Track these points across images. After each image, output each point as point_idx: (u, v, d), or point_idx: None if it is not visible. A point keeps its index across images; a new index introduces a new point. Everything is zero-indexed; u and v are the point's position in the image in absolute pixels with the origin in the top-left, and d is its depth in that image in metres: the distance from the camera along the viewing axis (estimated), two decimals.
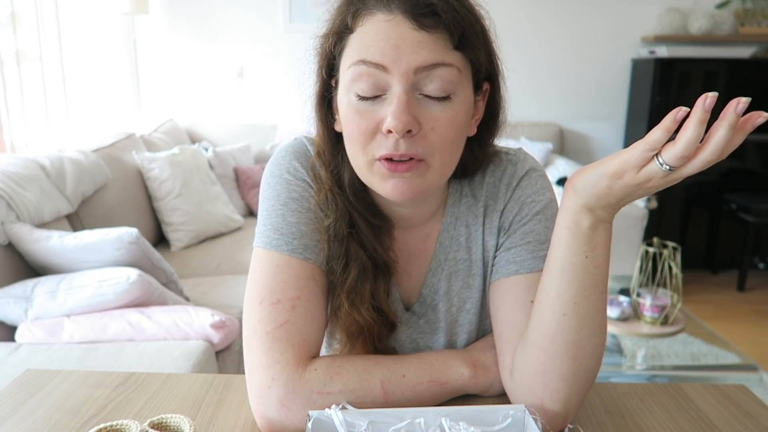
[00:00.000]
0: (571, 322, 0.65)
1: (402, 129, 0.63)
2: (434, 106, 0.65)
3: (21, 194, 1.85)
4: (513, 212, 0.78)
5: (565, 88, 3.85)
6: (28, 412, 0.73)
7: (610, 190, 0.59)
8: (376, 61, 0.64)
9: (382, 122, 0.65)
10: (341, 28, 0.68)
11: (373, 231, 0.76)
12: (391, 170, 0.66)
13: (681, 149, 0.52)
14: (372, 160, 0.67)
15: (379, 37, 0.64)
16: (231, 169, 3.23)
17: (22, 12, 2.58)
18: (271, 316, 0.69)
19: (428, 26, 0.64)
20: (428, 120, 0.65)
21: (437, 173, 0.69)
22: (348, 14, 0.67)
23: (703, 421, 0.73)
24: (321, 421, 0.63)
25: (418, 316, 0.82)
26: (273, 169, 0.78)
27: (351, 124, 0.68)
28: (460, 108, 0.67)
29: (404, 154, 0.65)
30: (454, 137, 0.68)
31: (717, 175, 3.66)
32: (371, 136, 0.67)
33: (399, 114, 0.63)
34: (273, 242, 0.73)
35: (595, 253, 0.63)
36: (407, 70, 0.64)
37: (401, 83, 0.64)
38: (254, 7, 3.67)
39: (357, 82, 0.66)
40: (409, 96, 0.64)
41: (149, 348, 1.59)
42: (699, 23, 3.62)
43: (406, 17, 0.64)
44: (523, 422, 0.64)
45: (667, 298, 2.14)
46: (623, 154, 0.57)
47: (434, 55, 0.64)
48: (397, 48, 0.63)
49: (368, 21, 0.66)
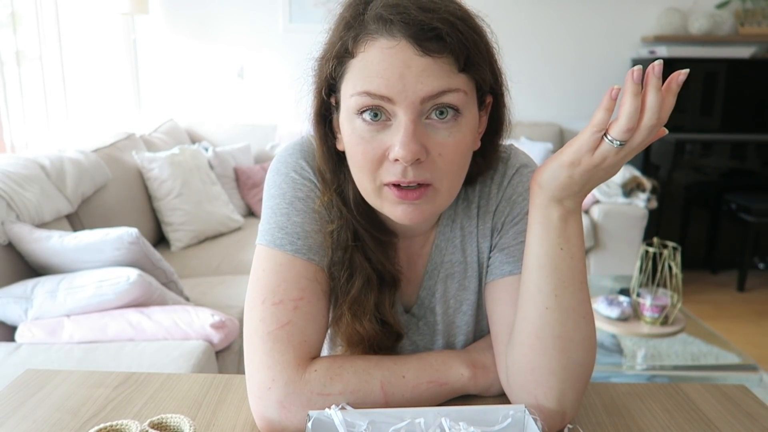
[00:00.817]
0: (554, 315, 0.65)
1: (411, 159, 0.62)
2: (441, 132, 0.64)
3: (21, 194, 1.85)
4: (505, 212, 0.78)
5: (565, 88, 3.85)
6: (28, 412, 0.73)
7: (571, 179, 0.61)
8: (381, 94, 0.62)
9: (388, 150, 0.64)
10: (341, 52, 0.66)
11: (379, 245, 0.76)
12: (400, 198, 0.65)
13: (624, 123, 0.55)
14: (380, 186, 0.67)
15: (383, 66, 0.62)
16: (231, 169, 3.23)
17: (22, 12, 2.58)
18: (273, 317, 0.69)
19: (433, 51, 0.61)
20: (435, 146, 0.64)
21: (446, 197, 0.68)
22: (348, 38, 0.65)
23: (703, 421, 0.73)
24: (321, 421, 0.63)
25: (417, 319, 0.82)
26: (279, 166, 0.77)
27: (356, 151, 0.66)
28: (466, 130, 0.66)
29: (412, 180, 0.64)
30: (461, 160, 0.67)
31: (717, 175, 3.66)
32: (378, 163, 0.65)
33: (407, 143, 0.62)
34: (277, 241, 0.73)
35: (570, 244, 0.65)
36: (414, 100, 0.62)
37: (408, 113, 0.62)
38: (254, 7, 3.67)
39: (360, 111, 0.64)
40: (416, 124, 0.63)
41: (149, 348, 1.59)
42: (699, 23, 3.62)
43: (410, 43, 0.61)
44: (523, 422, 0.64)
45: (667, 298, 2.14)
46: (575, 142, 0.60)
47: (440, 82, 0.62)
48: (402, 77, 0.61)
49: (370, 47, 0.63)
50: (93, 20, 3.22)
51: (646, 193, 3.21)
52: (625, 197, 3.21)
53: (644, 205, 3.20)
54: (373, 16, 0.63)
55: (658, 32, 3.69)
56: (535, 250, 0.66)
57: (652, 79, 0.55)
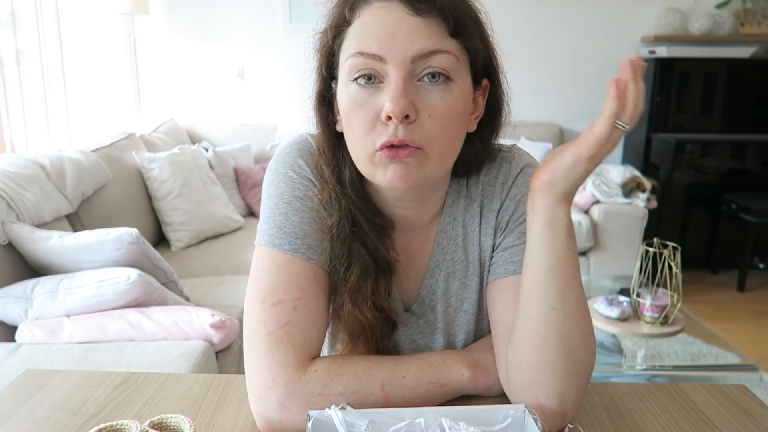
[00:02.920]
0: (560, 316, 0.66)
1: (400, 113, 0.63)
2: (432, 93, 0.66)
3: (21, 194, 1.85)
4: (509, 211, 0.77)
5: (565, 88, 3.85)
6: (28, 412, 0.73)
7: (586, 172, 0.64)
8: (372, 52, 0.64)
9: (380, 110, 0.65)
10: (339, 22, 0.68)
11: (375, 230, 0.76)
12: (391, 156, 0.66)
13: (634, 107, 0.60)
14: (373, 151, 0.67)
15: (376, 27, 0.65)
16: (231, 169, 3.24)
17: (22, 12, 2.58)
18: (273, 317, 0.69)
19: (423, 11, 0.64)
20: (425, 107, 0.65)
21: (436, 163, 0.68)
22: (345, 7, 0.68)
23: (703, 421, 0.73)
24: (321, 421, 0.63)
25: (417, 317, 0.82)
26: (277, 166, 0.77)
27: (351, 116, 0.68)
28: (458, 96, 0.67)
29: (402, 140, 0.65)
30: (451, 125, 0.68)
31: (717, 175, 3.66)
32: (372, 126, 0.66)
33: (396, 98, 0.63)
34: (276, 241, 0.73)
35: (573, 242, 0.67)
36: (404, 59, 0.64)
37: (398, 71, 0.64)
38: (254, 7, 3.67)
39: (354, 73, 0.66)
40: (406, 82, 0.64)
41: (149, 348, 1.59)
42: (699, 23, 3.62)
43: (401, 3, 0.64)
44: (523, 422, 0.64)
45: (667, 298, 2.14)
46: (592, 136, 0.62)
47: (430, 42, 0.64)
48: (393, 36, 0.64)
49: (365, 11, 0.66)
50: (93, 20, 3.22)
51: (646, 193, 3.21)
52: (625, 197, 3.21)
53: (644, 205, 3.20)
54: None
55: (658, 32, 3.69)
56: (544, 251, 0.66)
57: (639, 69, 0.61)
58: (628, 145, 3.92)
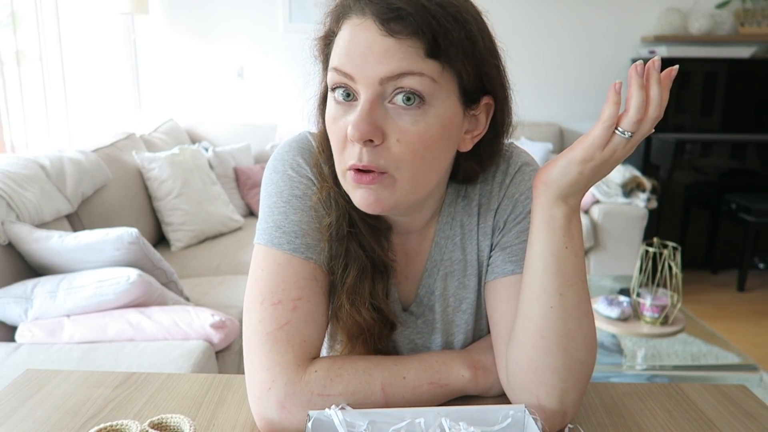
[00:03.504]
0: (558, 314, 0.66)
1: (359, 138, 0.61)
2: (403, 117, 0.63)
3: (21, 194, 1.85)
4: (507, 211, 0.77)
5: (565, 88, 3.85)
6: (28, 412, 0.73)
7: (581, 175, 0.62)
8: (345, 71, 0.63)
9: None
10: (328, 32, 0.68)
11: (372, 231, 0.75)
12: (357, 181, 0.65)
13: (634, 114, 0.58)
14: (344, 170, 0.66)
15: (351, 44, 0.63)
16: (231, 169, 3.24)
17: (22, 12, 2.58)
18: (272, 317, 0.69)
19: (396, 32, 0.60)
20: (394, 131, 0.63)
21: (406, 188, 0.66)
22: (333, 17, 0.67)
23: (703, 421, 0.73)
24: (321, 421, 0.63)
25: (415, 317, 0.82)
26: (276, 164, 0.77)
27: (330, 130, 0.67)
28: (434, 120, 0.63)
29: (366, 165, 0.63)
30: (425, 150, 0.64)
31: (717, 175, 3.66)
32: (343, 144, 0.65)
33: (358, 122, 0.61)
34: (275, 240, 0.72)
35: (573, 243, 0.66)
36: (372, 80, 0.62)
37: (366, 92, 0.62)
38: (254, 7, 3.67)
39: (332, 85, 0.65)
40: (373, 105, 0.62)
41: (149, 348, 1.59)
42: (699, 23, 3.62)
43: (375, 22, 0.61)
44: (523, 422, 0.64)
45: (667, 298, 2.14)
46: (587, 139, 0.60)
47: (401, 64, 0.61)
48: (365, 56, 0.62)
49: (345, 24, 0.64)
50: (93, 20, 3.22)
51: (646, 193, 3.21)
52: (625, 197, 3.21)
53: (644, 205, 3.20)
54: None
55: (658, 32, 3.69)
56: (540, 249, 0.66)
57: (654, 73, 0.57)
58: None
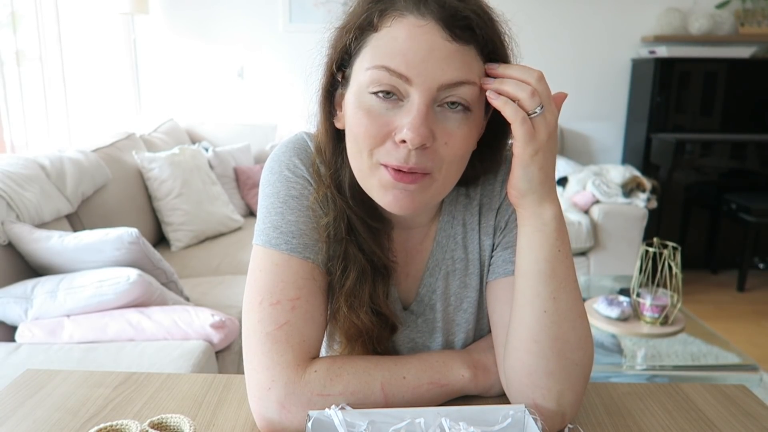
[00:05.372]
0: (552, 318, 0.66)
1: (419, 143, 0.61)
2: (450, 121, 0.63)
3: (21, 194, 1.85)
4: (508, 211, 0.77)
5: (565, 88, 3.76)
6: (28, 412, 0.73)
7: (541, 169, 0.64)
8: (400, 72, 0.61)
9: (395, 130, 0.63)
10: (364, 24, 0.64)
11: (372, 233, 0.75)
12: (396, 179, 0.64)
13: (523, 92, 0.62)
14: (376, 163, 0.65)
15: (408, 45, 0.61)
16: (231, 169, 3.24)
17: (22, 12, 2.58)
18: (271, 317, 0.69)
19: (461, 39, 0.61)
20: (443, 133, 0.63)
21: (440, 188, 0.67)
22: (374, 11, 0.63)
23: (703, 421, 0.73)
24: (321, 421, 0.63)
25: (416, 316, 0.81)
26: (273, 165, 0.77)
27: (359, 125, 0.64)
28: (474, 124, 0.65)
29: (414, 167, 0.63)
30: (464, 152, 0.67)
31: (717, 175, 3.66)
32: (380, 141, 0.64)
33: (418, 127, 0.61)
34: (272, 240, 0.72)
35: (564, 245, 0.66)
36: (431, 86, 0.61)
37: (422, 97, 0.61)
38: (254, 7, 3.67)
39: (375, 86, 0.63)
40: (429, 108, 0.62)
41: (149, 348, 1.59)
42: (699, 23, 3.62)
43: (439, 26, 0.61)
44: (523, 422, 0.64)
45: (667, 298, 2.14)
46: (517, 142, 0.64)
47: (460, 72, 0.61)
48: (425, 61, 0.60)
49: (397, 23, 0.62)
50: (93, 20, 3.22)
51: (646, 193, 3.21)
52: (625, 197, 3.21)
53: (644, 205, 3.19)
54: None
55: (658, 32, 3.69)
56: (532, 256, 0.66)
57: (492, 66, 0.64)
58: (628, 145, 3.92)
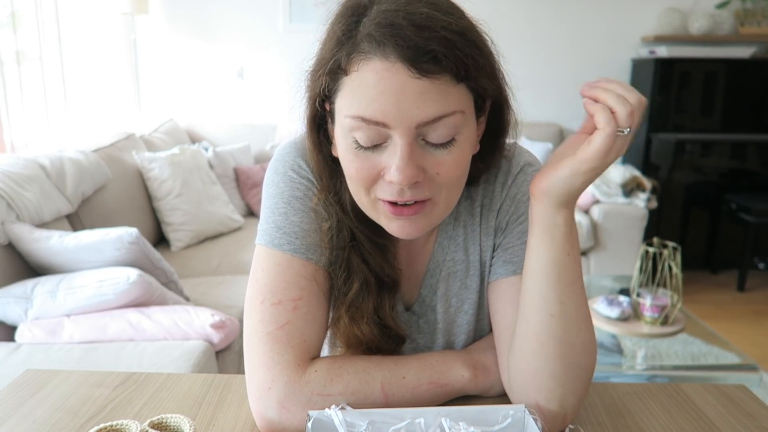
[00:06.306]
0: (558, 322, 0.65)
1: (407, 183, 0.61)
2: (439, 152, 0.63)
3: (21, 194, 1.85)
4: (509, 211, 0.77)
5: (565, 88, 3.85)
6: (28, 412, 0.73)
7: (585, 183, 0.62)
8: (377, 120, 0.60)
9: (384, 170, 0.63)
10: (334, 68, 0.63)
11: (379, 249, 0.75)
12: (396, 213, 0.65)
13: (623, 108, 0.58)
14: (375, 199, 0.66)
15: (378, 90, 0.59)
16: (231, 169, 3.24)
17: (22, 12, 2.58)
18: (273, 317, 0.69)
19: (429, 72, 0.58)
20: (433, 165, 0.63)
21: (443, 208, 0.67)
22: (341, 56, 0.61)
23: (703, 421, 0.73)
24: (321, 421, 0.63)
25: (417, 317, 0.82)
26: (277, 165, 0.77)
27: (350, 167, 0.65)
28: (465, 145, 0.64)
29: (409, 199, 0.64)
30: (461, 174, 0.66)
31: (717, 175, 3.66)
32: (373, 180, 0.64)
33: (404, 168, 0.60)
34: (275, 240, 0.72)
35: (574, 249, 0.65)
36: (410, 126, 0.60)
37: (404, 137, 0.61)
38: (254, 7, 3.67)
39: (355, 132, 0.62)
40: (412, 147, 0.61)
41: (149, 348, 1.59)
42: (699, 23, 3.62)
43: (405, 65, 0.58)
44: (523, 422, 0.64)
45: (667, 298, 2.14)
46: (590, 149, 0.59)
47: (437, 107, 0.60)
48: (398, 102, 0.59)
49: (364, 66, 0.60)
50: (93, 20, 3.22)
51: (646, 193, 3.21)
52: (625, 197, 3.21)
53: (644, 205, 3.20)
54: (366, 35, 0.60)
55: (658, 32, 3.69)
56: (541, 258, 0.65)
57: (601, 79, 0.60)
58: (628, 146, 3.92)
